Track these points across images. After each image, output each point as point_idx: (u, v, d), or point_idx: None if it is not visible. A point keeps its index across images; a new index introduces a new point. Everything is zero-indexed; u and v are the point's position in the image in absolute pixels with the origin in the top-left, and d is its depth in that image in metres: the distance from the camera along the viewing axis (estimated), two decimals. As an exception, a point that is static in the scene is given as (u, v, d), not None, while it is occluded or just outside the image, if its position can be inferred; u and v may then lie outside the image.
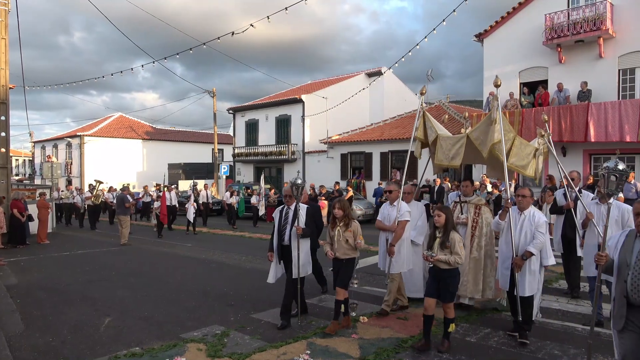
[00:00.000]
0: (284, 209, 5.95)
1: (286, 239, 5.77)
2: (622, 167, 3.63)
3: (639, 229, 3.07)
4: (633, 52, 15.35)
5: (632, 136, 14.29)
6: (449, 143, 6.24)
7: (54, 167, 21.51)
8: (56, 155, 38.08)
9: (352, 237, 5.33)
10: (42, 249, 13.19)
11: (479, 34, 18.91)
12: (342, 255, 5.37)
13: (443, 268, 4.65)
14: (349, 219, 5.39)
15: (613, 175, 3.63)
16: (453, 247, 4.64)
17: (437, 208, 4.86)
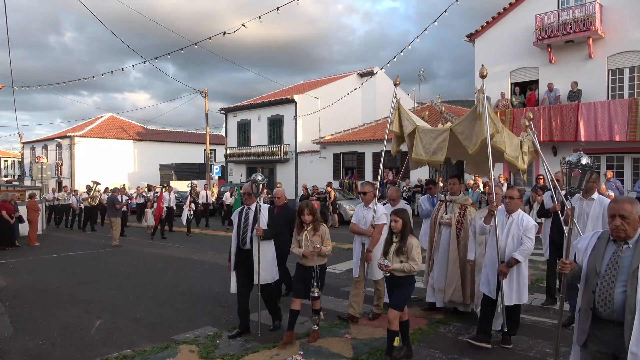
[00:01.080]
0: (243, 209, 5.49)
1: (247, 243, 5.32)
2: (586, 161, 3.20)
3: (613, 231, 2.71)
4: (622, 53, 15.52)
5: (621, 136, 14.45)
6: (429, 137, 5.82)
7: (43, 168, 21.24)
8: (46, 156, 37.69)
9: (320, 241, 4.98)
10: (31, 250, 13.05)
11: (470, 34, 19.02)
12: (307, 262, 4.99)
13: (399, 275, 4.42)
14: (318, 222, 5.07)
15: (576, 171, 3.21)
16: (409, 253, 4.39)
17: (393, 212, 4.60)
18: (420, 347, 4.89)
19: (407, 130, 6.00)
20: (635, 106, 14.25)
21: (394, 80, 6.30)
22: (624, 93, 15.58)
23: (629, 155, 15.33)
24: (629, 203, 2.69)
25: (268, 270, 5.35)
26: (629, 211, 2.64)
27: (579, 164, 3.20)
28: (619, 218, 2.66)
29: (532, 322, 5.61)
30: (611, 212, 2.71)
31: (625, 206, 2.67)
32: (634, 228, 2.67)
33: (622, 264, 2.64)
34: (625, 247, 2.68)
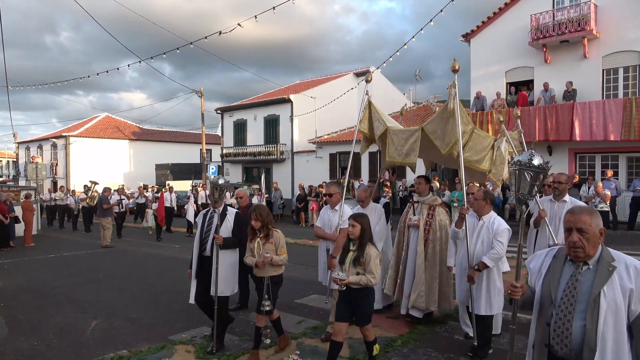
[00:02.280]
0: (208, 212, 5.12)
1: (207, 249, 4.96)
2: (538, 162, 2.65)
3: (570, 250, 2.24)
4: (616, 53, 15.61)
5: (616, 135, 14.53)
6: (401, 137, 5.50)
7: (38, 168, 21.19)
8: (41, 156, 37.53)
9: (274, 250, 4.57)
10: (27, 251, 12.99)
11: (465, 34, 19.08)
12: (259, 272, 4.58)
13: (355, 287, 4.00)
14: (269, 229, 4.60)
15: (527, 173, 2.64)
16: (367, 265, 3.98)
17: (352, 216, 4.17)
18: (417, 346, 4.91)
19: (378, 132, 5.70)
20: (629, 106, 14.34)
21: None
22: (619, 93, 15.67)
23: (623, 154, 15.42)
24: (588, 214, 2.23)
25: (227, 281, 4.95)
26: (587, 224, 2.19)
27: (530, 166, 2.65)
28: (576, 233, 2.20)
29: (528, 321, 5.63)
30: (567, 225, 2.25)
31: (583, 218, 2.20)
32: (594, 245, 2.20)
33: (581, 290, 2.17)
34: (585, 269, 2.21)
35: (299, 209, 19.15)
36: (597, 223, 2.21)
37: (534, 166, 2.65)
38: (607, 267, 2.16)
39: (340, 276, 3.94)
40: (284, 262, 4.61)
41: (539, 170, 2.65)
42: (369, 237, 4.12)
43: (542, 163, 2.65)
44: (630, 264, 2.15)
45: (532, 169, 2.65)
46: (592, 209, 2.36)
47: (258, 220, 4.53)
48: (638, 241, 11.84)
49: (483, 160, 5.26)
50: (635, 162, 15.31)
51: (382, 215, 5.88)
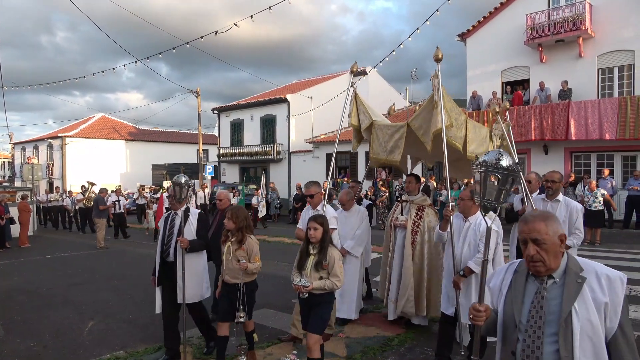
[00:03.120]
0: (170, 215, 4.82)
1: (170, 254, 4.65)
2: (507, 163, 2.28)
3: (529, 265, 1.94)
4: (611, 52, 15.69)
5: (611, 134, 14.60)
6: (386, 133, 5.20)
7: (34, 169, 21.07)
8: (37, 156, 37.37)
9: (246, 257, 4.25)
10: (22, 252, 12.94)
11: (461, 33, 19.12)
12: (232, 278, 4.27)
13: (317, 293, 3.76)
14: (244, 234, 4.27)
15: (495, 176, 2.27)
16: (331, 268, 3.77)
17: (311, 218, 3.92)
18: (414, 345, 4.92)
19: (364, 125, 5.45)
20: (624, 105, 14.41)
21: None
22: (614, 92, 15.75)
23: (618, 153, 15.50)
24: (542, 220, 1.92)
25: (195, 287, 4.67)
26: (543, 232, 1.89)
27: (497, 167, 2.27)
28: (532, 244, 1.90)
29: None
30: (520, 236, 1.96)
31: (537, 226, 1.91)
32: (555, 255, 1.90)
33: (549, 309, 1.87)
34: (551, 284, 1.91)
35: (296, 208, 19.15)
36: (554, 229, 1.91)
37: (502, 168, 2.26)
38: (576, 278, 1.86)
39: (303, 282, 3.68)
40: (258, 270, 4.34)
41: (508, 173, 2.27)
42: (330, 239, 3.91)
43: (512, 164, 2.29)
44: (601, 273, 1.85)
45: (500, 171, 2.26)
46: (548, 214, 1.99)
47: (232, 221, 4.22)
48: (633, 239, 11.91)
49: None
50: (631, 160, 15.39)
51: (365, 218, 5.69)
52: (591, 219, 11.58)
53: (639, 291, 6.80)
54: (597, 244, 11.22)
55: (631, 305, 6.05)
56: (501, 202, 2.34)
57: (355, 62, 5.51)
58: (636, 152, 15.12)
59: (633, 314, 5.72)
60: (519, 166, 2.40)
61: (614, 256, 9.73)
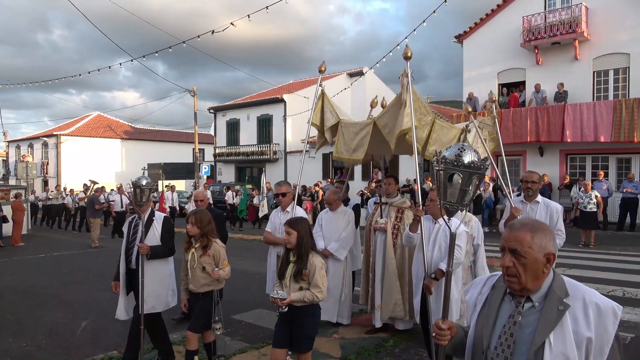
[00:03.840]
0: (133, 220, 4.57)
1: (133, 261, 4.43)
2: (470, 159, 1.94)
3: (504, 279, 1.66)
4: (606, 55, 15.77)
5: (606, 136, 14.68)
6: (351, 131, 5.06)
7: (29, 167, 20.96)
8: (32, 155, 37.17)
9: (212, 263, 4.02)
10: (16, 251, 12.86)
11: (458, 35, 19.17)
12: (197, 287, 4.03)
13: (298, 306, 3.44)
14: (209, 239, 4.03)
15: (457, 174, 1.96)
16: (312, 277, 3.43)
17: (287, 222, 3.58)
18: (408, 346, 4.92)
19: (329, 123, 5.32)
20: (619, 107, 14.48)
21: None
22: (609, 94, 15.84)
23: (613, 155, 15.58)
24: (529, 231, 1.61)
25: (160, 295, 4.44)
26: (526, 244, 1.59)
27: (458, 164, 1.96)
28: (508, 254, 1.62)
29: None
30: (501, 243, 1.68)
31: (520, 235, 1.61)
32: (534, 276, 1.59)
33: (521, 337, 1.58)
34: (528, 308, 1.61)
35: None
36: (541, 245, 1.58)
37: (464, 165, 1.94)
38: (558, 305, 1.54)
39: (280, 295, 3.34)
40: (228, 276, 4.12)
41: (472, 171, 1.94)
42: (310, 245, 3.55)
43: (477, 160, 1.97)
44: (590, 301, 1.53)
45: (461, 169, 1.95)
46: (540, 225, 1.66)
47: (196, 226, 3.97)
48: (627, 241, 11.97)
49: None
50: (625, 163, 15.47)
51: (351, 221, 5.52)
52: (585, 221, 11.63)
53: (634, 293, 6.83)
54: (592, 245, 11.27)
55: (626, 308, 6.08)
56: (465, 204, 2.01)
57: (324, 62, 5.33)
58: (630, 154, 15.20)
59: (627, 316, 5.75)
60: (485, 162, 2.05)
61: (608, 258, 9.78)
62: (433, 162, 2.18)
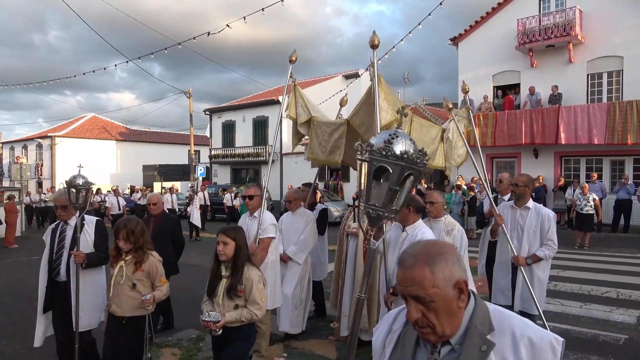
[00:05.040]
0: (58, 225, 4.07)
1: (62, 273, 3.93)
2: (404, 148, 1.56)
3: (418, 330, 1.29)
4: (600, 58, 15.88)
5: (599, 139, 14.77)
6: (325, 131, 4.73)
7: (23, 169, 20.80)
8: (26, 156, 36.97)
9: (143, 280, 3.40)
10: (9, 253, 12.76)
11: (453, 37, 19.25)
12: (122, 310, 3.34)
13: (232, 326, 3.04)
14: (144, 252, 3.43)
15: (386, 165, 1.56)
16: (249, 293, 3.04)
17: (222, 231, 3.15)
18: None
19: (301, 119, 4.99)
20: (613, 110, 14.59)
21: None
22: (603, 97, 15.94)
23: (607, 158, 15.68)
24: (425, 264, 1.24)
25: (93, 309, 3.92)
26: (428, 285, 1.22)
27: (387, 154, 1.52)
28: (413, 304, 1.25)
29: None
30: (397, 288, 1.48)
31: (417, 274, 1.24)
32: (450, 316, 1.25)
33: None
34: (447, 353, 1.29)
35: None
36: (446, 276, 1.23)
37: (395, 156, 1.50)
38: (480, 344, 1.24)
39: (214, 317, 2.94)
40: (166, 296, 3.58)
41: (404, 164, 1.50)
42: (247, 256, 3.17)
43: (413, 152, 1.53)
44: (521, 336, 1.25)
45: (391, 161, 1.50)
46: (435, 248, 1.29)
47: (128, 241, 3.38)
48: (621, 243, 12.04)
49: (434, 156, 4.38)
50: (619, 165, 15.58)
51: (312, 223, 5.21)
52: (582, 223, 11.69)
53: (627, 295, 6.86)
54: (586, 247, 11.33)
55: (619, 309, 6.12)
56: (394, 209, 1.58)
57: (295, 51, 4.84)
58: (624, 156, 15.31)
59: (620, 317, 5.78)
60: (424, 157, 1.59)
61: (602, 260, 9.83)
62: (356, 149, 1.68)
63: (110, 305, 3.44)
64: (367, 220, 1.80)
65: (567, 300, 6.59)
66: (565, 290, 7.20)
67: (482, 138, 16.93)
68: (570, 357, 4.61)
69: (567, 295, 6.86)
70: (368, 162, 1.59)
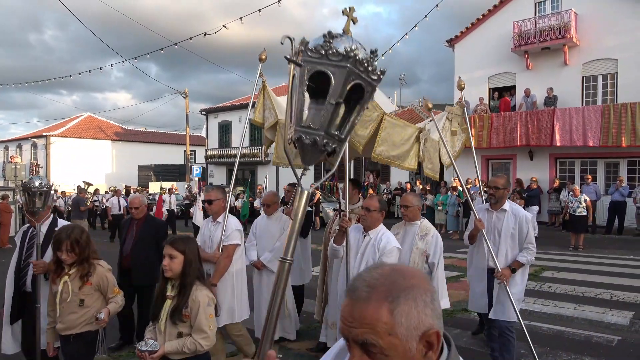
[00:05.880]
0: (29, 230, 3.78)
1: (28, 283, 3.67)
2: (350, 45, 1.22)
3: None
4: (595, 60, 15.98)
5: (594, 141, 14.86)
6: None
7: (17, 169, 20.71)
8: (20, 156, 36.78)
9: (96, 294, 3.10)
10: (2, 253, 12.68)
11: (450, 39, 19.31)
12: (70, 327, 3.02)
13: (175, 359, 2.58)
14: (90, 264, 3.07)
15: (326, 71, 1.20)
16: (195, 319, 2.56)
17: (169, 242, 2.65)
18: None
19: (268, 123, 4.71)
20: (607, 112, 14.68)
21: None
22: (597, 99, 16.04)
23: (601, 160, 15.77)
24: (386, 299, 0.91)
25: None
26: (383, 326, 0.89)
27: (328, 52, 1.17)
28: (356, 351, 0.92)
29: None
30: (340, 327, 0.99)
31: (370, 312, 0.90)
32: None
33: None
34: None
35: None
36: (412, 320, 0.90)
37: (338, 54, 1.14)
38: None
39: (150, 346, 2.49)
40: (121, 308, 3.24)
41: (350, 67, 1.14)
42: (198, 274, 2.66)
43: (364, 54, 1.21)
44: None
45: (334, 62, 1.14)
46: (402, 279, 0.94)
47: (73, 252, 3.00)
48: (615, 245, 12.11)
49: (406, 157, 4.13)
50: (613, 167, 15.67)
51: (287, 228, 4.79)
52: (575, 225, 11.75)
53: (620, 296, 6.90)
54: (580, 249, 11.38)
55: (612, 311, 6.15)
56: (333, 134, 1.21)
57: (265, 49, 4.54)
58: (618, 158, 15.40)
59: (614, 319, 5.81)
60: (375, 56, 1.30)
61: (596, 261, 9.88)
62: (282, 43, 1.33)
63: (55, 323, 3.09)
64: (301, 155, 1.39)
65: (561, 301, 6.62)
66: (559, 291, 7.23)
67: (478, 140, 16.99)
68: (563, 358, 4.63)
69: (561, 297, 6.89)
70: (300, 65, 1.17)
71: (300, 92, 1.19)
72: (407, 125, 4.29)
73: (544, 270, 8.66)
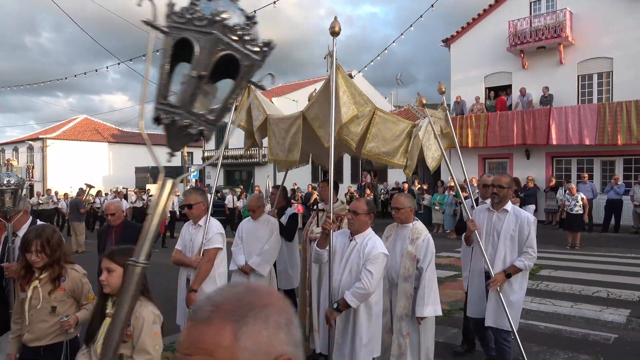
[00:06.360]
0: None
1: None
2: (220, 7, 1.05)
3: None
4: (590, 59, 16.04)
5: (590, 140, 14.91)
6: (281, 128, 4.31)
7: (13, 172, 20.61)
8: (17, 158, 36.66)
9: (69, 300, 2.88)
10: None
11: (446, 39, 19.35)
12: (37, 338, 2.78)
13: None
14: (61, 267, 2.86)
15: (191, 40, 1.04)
16: (137, 339, 2.32)
17: (107, 254, 2.49)
18: (396, 349, 4.92)
19: (257, 123, 4.60)
20: (603, 111, 14.73)
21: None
22: (593, 98, 16.10)
23: (597, 158, 15.83)
24: (229, 320, 0.75)
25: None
26: (222, 354, 0.73)
27: (193, 17, 1.07)
28: None
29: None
30: (181, 345, 0.79)
31: (206, 334, 0.74)
32: None
33: None
34: None
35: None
36: (260, 343, 0.76)
37: (203, 19, 1.06)
38: None
39: None
40: (83, 320, 2.92)
41: (217, 34, 1.05)
42: (141, 288, 2.13)
43: (239, 20, 1.09)
44: None
45: (198, 28, 1.06)
46: (254, 301, 0.79)
47: (43, 253, 2.76)
48: (611, 243, 12.15)
49: (396, 153, 3.92)
50: (609, 165, 15.73)
51: (275, 230, 4.72)
52: (572, 223, 11.78)
53: (617, 294, 6.93)
54: (577, 247, 11.42)
55: (609, 309, 6.18)
56: (198, 114, 1.10)
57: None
58: (614, 157, 15.46)
59: (610, 317, 5.83)
60: (253, 22, 1.12)
61: (593, 259, 9.91)
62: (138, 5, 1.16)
63: (21, 332, 2.82)
64: (167, 139, 1.25)
65: (558, 300, 6.64)
66: (557, 290, 7.25)
67: (474, 139, 17.04)
68: (560, 357, 4.65)
69: (558, 295, 6.91)
70: (166, 32, 1.02)
71: (164, 63, 1.04)
72: (399, 121, 4.06)
73: (541, 268, 8.68)
